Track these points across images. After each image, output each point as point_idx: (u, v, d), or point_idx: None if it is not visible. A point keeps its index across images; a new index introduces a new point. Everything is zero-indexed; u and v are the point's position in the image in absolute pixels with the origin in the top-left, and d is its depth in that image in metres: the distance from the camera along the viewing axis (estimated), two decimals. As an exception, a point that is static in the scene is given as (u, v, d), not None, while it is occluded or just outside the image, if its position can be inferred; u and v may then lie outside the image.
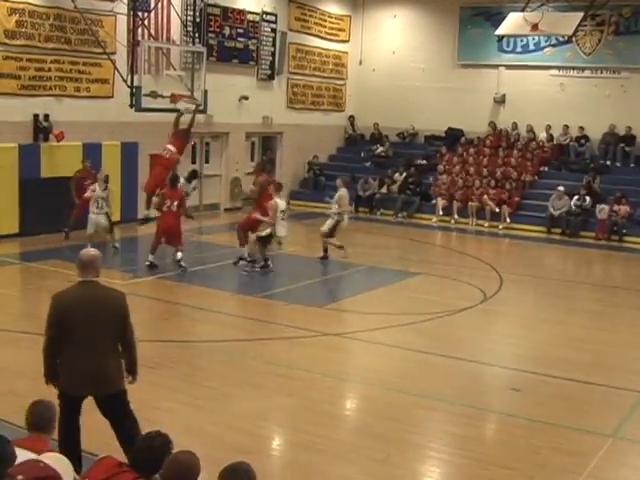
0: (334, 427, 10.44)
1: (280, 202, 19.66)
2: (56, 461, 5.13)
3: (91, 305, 7.87)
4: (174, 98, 22.94)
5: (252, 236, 19.92)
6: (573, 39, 30.18)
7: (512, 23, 28.74)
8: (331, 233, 21.33)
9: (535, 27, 27.65)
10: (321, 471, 9.10)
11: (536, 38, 31.49)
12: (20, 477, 4.64)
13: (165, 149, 21.60)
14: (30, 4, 22.47)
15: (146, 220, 21.52)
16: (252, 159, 31.91)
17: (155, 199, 20.28)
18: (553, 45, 31.73)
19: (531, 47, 32.44)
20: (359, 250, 22.55)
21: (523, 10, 28.54)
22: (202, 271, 19.72)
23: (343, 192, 21.89)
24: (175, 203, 19.29)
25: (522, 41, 32.36)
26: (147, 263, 19.53)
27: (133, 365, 8.12)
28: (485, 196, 29.03)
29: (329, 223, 21.41)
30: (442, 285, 19.33)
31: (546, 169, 30.96)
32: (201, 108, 22.83)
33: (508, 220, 28.34)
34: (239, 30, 29.58)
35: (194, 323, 15.54)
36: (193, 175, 23.63)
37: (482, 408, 11.47)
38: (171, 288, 17.99)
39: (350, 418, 11.29)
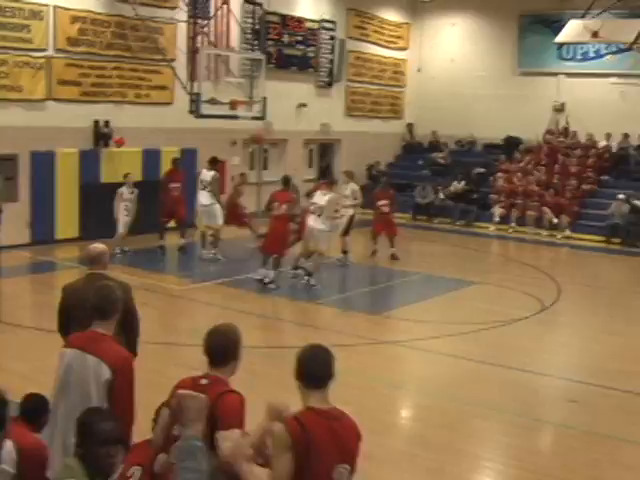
0: (389, 435, 10.43)
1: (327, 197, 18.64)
2: None
3: None
4: (234, 105, 23.13)
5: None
6: (634, 47, 29.85)
7: (572, 30, 28.49)
8: (347, 230, 21.59)
9: (595, 34, 27.38)
10: (375, 479, 9.10)
11: (596, 45, 31.20)
12: None
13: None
14: (92, 12, 22.76)
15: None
16: (310, 166, 31.99)
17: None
18: (614, 52, 31.35)
19: (591, 55, 32.19)
20: (416, 258, 22.55)
21: (583, 17, 28.28)
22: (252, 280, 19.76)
23: (355, 185, 22.45)
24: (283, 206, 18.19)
25: (582, 49, 32.10)
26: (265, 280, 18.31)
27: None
28: (544, 207, 28.81)
29: (345, 220, 21.68)
30: (499, 294, 19.21)
31: (606, 178, 30.64)
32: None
33: (567, 231, 28.09)
34: (298, 38, 29.69)
35: (249, 329, 15.57)
36: (213, 162, 22.47)
37: (538, 419, 11.40)
38: (227, 294, 18.06)
39: (405, 427, 11.28)
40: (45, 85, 21.99)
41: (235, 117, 23.74)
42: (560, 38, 29.27)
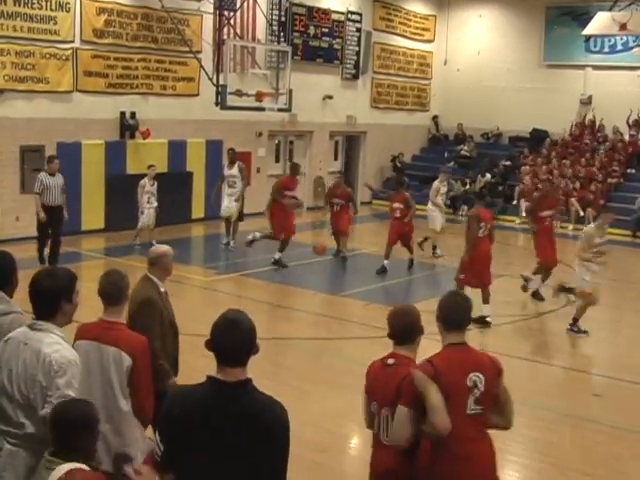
0: (412, 428, 10.41)
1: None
2: None
3: None
4: (259, 96, 23.14)
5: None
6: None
7: (600, 23, 28.34)
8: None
9: (624, 27, 27.21)
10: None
11: (624, 38, 31.03)
12: None
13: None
14: (118, 4, 22.83)
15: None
16: (335, 158, 31.97)
17: None
18: (642, 45, 31.23)
19: (619, 47, 31.98)
20: (441, 251, 22.43)
21: (611, 9, 28.14)
22: (285, 269, 19.78)
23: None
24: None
25: (610, 41, 31.92)
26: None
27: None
28: (572, 199, 28.67)
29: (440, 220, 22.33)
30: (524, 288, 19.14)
31: (633, 171, 30.47)
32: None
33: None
34: (324, 29, 29.66)
35: (275, 320, 15.64)
36: (231, 154, 22.25)
37: (563, 412, 11.36)
38: (253, 285, 18.10)
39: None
40: (71, 77, 22.09)
41: (261, 109, 23.76)
42: (588, 30, 29.12)
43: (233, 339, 4.67)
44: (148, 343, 6.81)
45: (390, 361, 6.07)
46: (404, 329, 6.13)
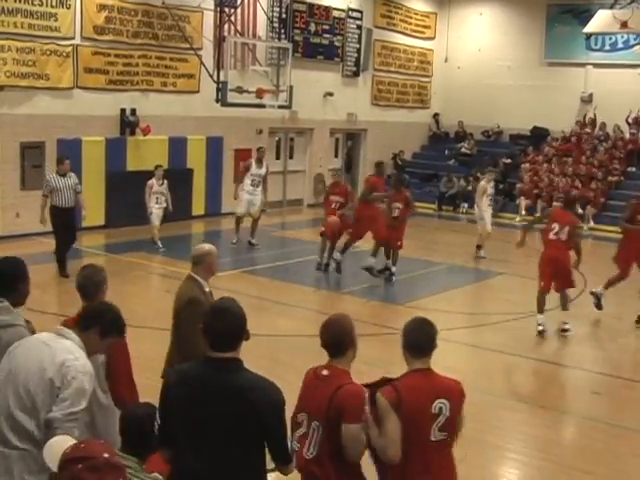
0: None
1: None
2: None
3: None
4: (260, 93, 23.13)
5: None
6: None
7: (601, 21, 28.36)
8: None
9: (625, 25, 27.24)
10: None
11: (625, 36, 31.02)
12: (106, 455, 4.67)
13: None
14: (119, 0, 22.81)
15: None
16: (336, 155, 31.97)
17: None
18: (643, 43, 31.21)
19: (620, 45, 31.94)
20: (441, 248, 22.46)
21: (612, 7, 28.15)
22: (284, 266, 19.80)
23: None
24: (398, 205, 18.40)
25: (611, 39, 31.88)
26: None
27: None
28: (570, 198, 28.68)
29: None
30: (524, 285, 19.05)
31: (633, 169, 30.46)
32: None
33: (592, 222, 27.96)
34: (325, 26, 29.64)
35: (275, 317, 15.62)
36: (261, 153, 22.23)
37: (562, 410, 11.38)
38: (253, 282, 18.10)
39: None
40: (72, 73, 22.07)
41: (261, 106, 23.75)
42: (589, 28, 29.15)
43: (223, 325, 4.93)
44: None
45: (324, 372, 5.92)
46: (333, 342, 5.94)
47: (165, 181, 20.80)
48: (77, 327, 5.64)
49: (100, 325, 5.65)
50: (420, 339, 6.01)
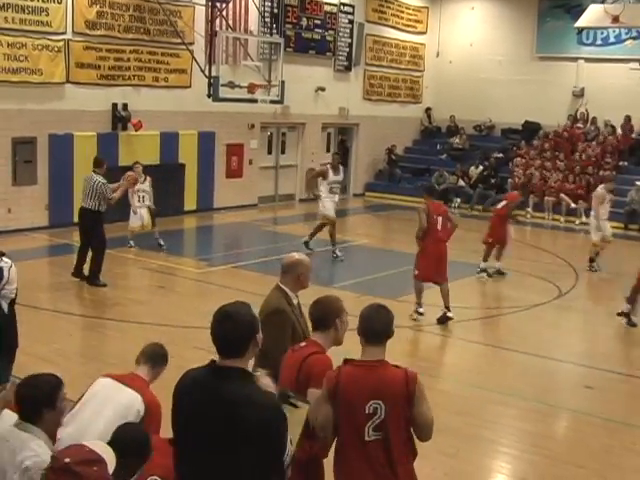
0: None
1: None
2: (102, 448, 5.12)
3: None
4: (252, 88, 23.13)
5: None
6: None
7: (592, 15, 28.36)
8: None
9: (616, 19, 27.24)
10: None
11: (617, 30, 31.01)
12: (67, 459, 4.67)
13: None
14: (111, -5, 22.80)
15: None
16: (328, 150, 31.96)
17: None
18: (634, 38, 31.18)
19: (611, 40, 31.94)
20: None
21: (603, 2, 28.14)
22: (277, 261, 19.72)
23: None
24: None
25: (602, 34, 31.88)
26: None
27: None
28: (562, 194, 28.73)
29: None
30: (516, 280, 19.15)
31: (625, 164, 30.50)
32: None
33: (584, 217, 27.99)
34: (316, 21, 29.61)
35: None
36: (337, 159, 21.18)
37: (555, 405, 11.39)
38: (245, 277, 18.07)
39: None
40: (63, 68, 22.03)
41: (253, 101, 23.75)
42: (580, 23, 29.15)
43: (225, 330, 4.73)
44: None
45: (301, 344, 6.28)
46: (318, 315, 6.27)
47: (148, 177, 20.10)
48: (28, 421, 5.44)
49: (47, 405, 5.47)
50: (374, 325, 5.92)
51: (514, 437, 10.20)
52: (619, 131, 31.26)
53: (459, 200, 30.54)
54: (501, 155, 32.33)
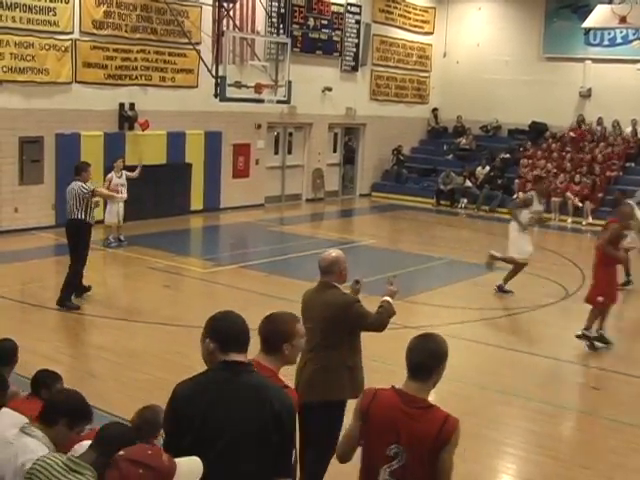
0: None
1: None
2: (184, 465, 4.60)
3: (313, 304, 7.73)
4: (258, 88, 23.14)
5: None
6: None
7: (600, 16, 28.34)
8: None
9: (623, 20, 27.23)
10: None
11: (624, 31, 30.97)
12: (121, 453, 4.62)
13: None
14: (118, -5, 22.82)
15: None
16: (334, 150, 31.95)
17: None
18: (641, 38, 31.17)
19: (619, 40, 31.89)
20: (440, 243, 22.44)
21: (611, 2, 28.11)
22: (283, 261, 19.79)
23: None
24: None
25: (609, 34, 31.83)
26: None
27: None
28: (568, 192, 28.70)
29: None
30: (523, 281, 19.08)
31: (632, 165, 30.46)
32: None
33: (590, 218, 27.94)
34: (323, 21, 29.60)
35: (266, 312, 15.59)
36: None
37: (560, 406, 11.38)
38: (251, 277, 18.08)
39: (427, 412, 11.26)
40: (70, 68, 22.06)
41: (260, 101, 23.76)
42: (588, 23, 29.12)
43: (228, 325, 4.91)
44: None
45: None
46: (265, 336, 5.50)
47: (123, 172, 20.21)
48: (42, 423, 5.35)
49: (67, 416, 5.32)
50: (412, 356, 5.37)
51: (520, 438, 10.20)
52: (625, 131, 31.21)
53: (466, 201, 30.54)
54: (508, 156, 32.28)
